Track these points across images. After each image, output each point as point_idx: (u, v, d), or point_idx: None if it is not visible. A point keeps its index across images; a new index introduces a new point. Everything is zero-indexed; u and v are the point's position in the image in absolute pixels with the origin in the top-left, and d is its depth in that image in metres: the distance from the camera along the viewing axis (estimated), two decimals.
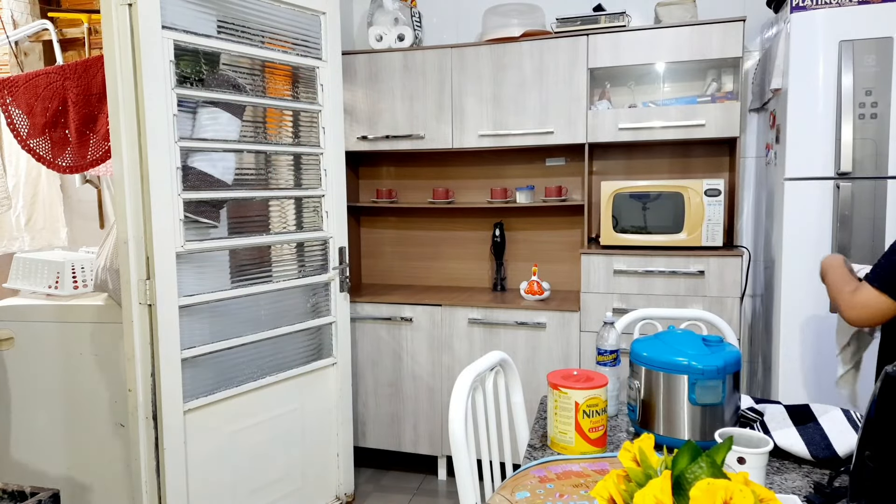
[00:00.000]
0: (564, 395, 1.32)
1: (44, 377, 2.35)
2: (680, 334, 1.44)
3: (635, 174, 2.99)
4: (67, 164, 2.39)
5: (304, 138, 2.47)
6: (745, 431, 1.12)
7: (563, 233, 3.16)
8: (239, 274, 2.25)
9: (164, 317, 1.97)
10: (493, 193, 3.10)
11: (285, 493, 2.41)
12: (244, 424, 2.25)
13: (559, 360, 2.72)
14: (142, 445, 1.98)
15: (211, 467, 2.14)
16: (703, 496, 0.71)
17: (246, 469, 2.27)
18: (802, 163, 2.23)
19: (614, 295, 2.65)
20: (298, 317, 2.43)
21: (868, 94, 2.14)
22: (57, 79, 2.29)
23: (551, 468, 1.19)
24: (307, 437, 2.48)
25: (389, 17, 3.05)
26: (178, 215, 2.01)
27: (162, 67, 1.94)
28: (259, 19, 2.27)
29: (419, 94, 2.96)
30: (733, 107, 2.58)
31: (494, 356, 1.46)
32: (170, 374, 1.99)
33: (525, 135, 2.85)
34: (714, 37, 2.57)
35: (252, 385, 2.26)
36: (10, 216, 2.96)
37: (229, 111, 2.20)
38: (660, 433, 1.35)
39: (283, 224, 2.47)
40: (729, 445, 0.82)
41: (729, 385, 1.33)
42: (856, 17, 2.15)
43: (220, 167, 2.17)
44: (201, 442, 2.11)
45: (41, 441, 2.37)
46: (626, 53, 2.69)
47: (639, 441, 0.84)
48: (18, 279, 2.51)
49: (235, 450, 2.23)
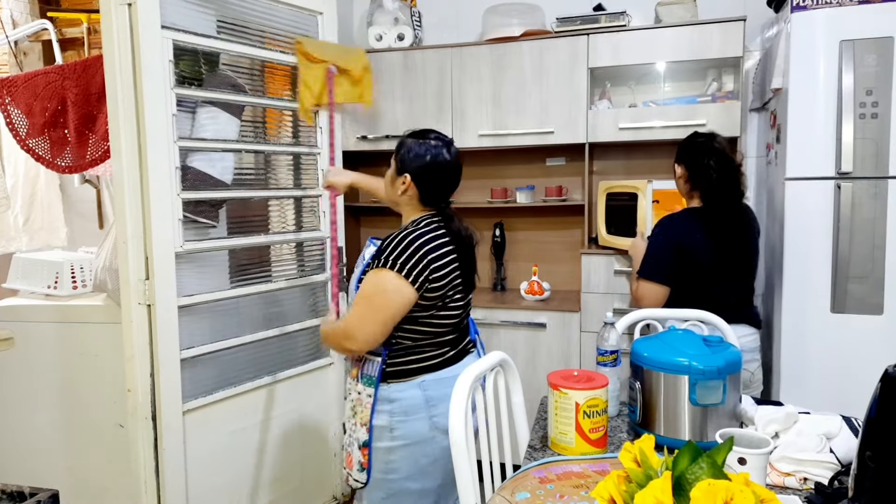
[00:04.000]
0: (565, 396, 1.31)
1: (43, 377, 2.35)
2: (680, 334, 1.43)
3: (636, 174, 2.99)
4: (66, 164, 2.38)
5: (302, 138, 2.46)
6: (746, 432, 1.11)
7: (564, 233, 3.15)
8: (238, 274, 2.25)
9: (163, 317, 1.97)
10: (493, 193, 3.10)
11: (284, 493, 2.41)
12: (243, 424, 2.24)
13: (559, 360, 2.72)
14: (141, 445, 1.98)
15: (210, 467, 2.14)
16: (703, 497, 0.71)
17: (245, 469, 2.27)
18: (803, 162, 2.23)
19: (615, 295, 2.65)
20: (297, 317, 2.42)
21: (868, 93, 2.13)
22: (56, 78, 2.29)
23: (551, 469, 1.18)
24: (305, 437, 2.48)
25: (389, 17, 3.04)
26: (178, 215, 2.01)
27: (161, 67, 1.94)
28: (258, 19, 2.27)
29: (419, 93, 2.96)
30: (734, 106, 2.58)
31: (494, 356, 1.46)
32: (169, 375, 1.99)
33: (525, 134, 2.84)
34: (714, 36, 2.56)
35: (250, 385, 2.25)
36: (9, 216, 2.96)
37: (228, 111, 2.19)
38: (660, 434, 1.35)
39: (282, 224, 2.46)
40: (729, 446, 0.82)
41: (729, 385, 1.33)
42: (856, 17, 2.14)
43: (219, 167, 2.17)
44: (200, 442, 2.10)
45: (40, 441, 2.37)
46: (626, 53, 2.68)
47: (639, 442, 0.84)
48: (17, 279, 2.50)
49: (234, 450, 2.22)
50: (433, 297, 1.53)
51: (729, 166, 2.05)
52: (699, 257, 2.01)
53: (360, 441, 1.60)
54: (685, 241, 2.02)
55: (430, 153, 1.59)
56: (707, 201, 2.06)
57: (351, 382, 1.65)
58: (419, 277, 1.49)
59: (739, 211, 2.09)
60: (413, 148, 1.61)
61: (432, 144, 1.60)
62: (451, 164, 1.62)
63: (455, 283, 1.57)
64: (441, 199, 1.64)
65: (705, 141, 2.11)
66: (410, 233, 1.53)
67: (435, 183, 1.61)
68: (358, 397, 1.61)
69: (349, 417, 1.65)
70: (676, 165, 2.16)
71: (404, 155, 1.61)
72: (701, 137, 2.13)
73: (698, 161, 2.06)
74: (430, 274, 1.50)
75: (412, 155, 1.60)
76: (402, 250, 1.50)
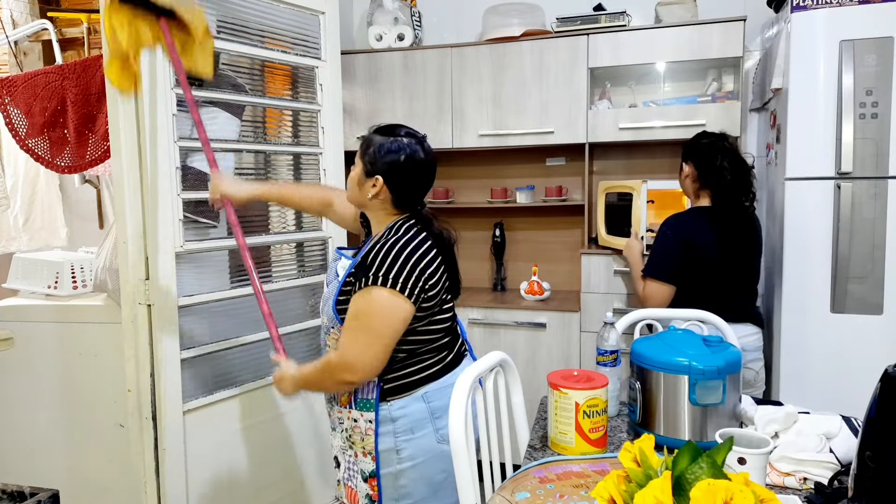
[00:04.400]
0: (565, 396, 1.31)
1: (43, 377, 2.35)
2: (680, 334, 1.43)
3: (636, 174, 2.99)
4: (66, 164, 2.38)
5: (303, 138, 2.46)
6: (746, 432, 1.11)
7: (564, 233, 3.15)
8: (238, 274, 2.25)
9: (163, 317, 1.96)
10: (493, 193, 3.09)
11: (284, 494, 2.41)
12: (243, 425, 2.24)
13: (559, 360, 2.72)
14: (141, 445, 1.98)
15: (210, 467, 2.14)
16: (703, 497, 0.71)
17: (245, 469, 2.27)
18: (803, 162, 2.23)
19: (615, 295, 2.65)
20: (297, 317, 2.42)
21: (869, 93, 2.13)
22: (56, 78, 2.28)
23: (551, 469, 1.18)
24: (305, 438, 2.47)
25: (389, 17, 3.04)
26: (178, 215, 2.01)
27: (161, 67, 1.94)
28: (258, 19, 2.26)
29: (419, 93, 2.96)
30: (734, 106, 2.58)
31: (494, 356, 1.45)
32: (169, 375, 1.99)
33: (525, 134, 2.84)
34: (715, 36, 2.56)
35: (251, 385, 2.25)
36: (9, 216, 2.96)
37: (229, 111, 2.19)
38: (660, 433, 1.35)
39: (282, 224, 2.46)
40: (729, 446, 0.82)
41: (729, 385, 1.33)
42: (856, 17, 2.14)
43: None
44: (200, 442, 2.10)
45: (41, 441, 2.37)
46: (626, 53, 2.68)
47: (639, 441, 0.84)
48: (18, 279, 2.50)
49: (234, 450, 2.22)
50: (429, 306, 1.42)
51: (742, 167, 2.07)
52: (706, 256, 2.01)
53: (365, 472, 1.47)
54: (694, 239, 2.02)
55: (403, 151, 1.42)
56: (717, 201, 2.07)
57: (341, 411, 1.50)
58: (414, 290, 1.36)
59: (747, 212, 2.10)
60: (384, 146, 1.43)
61: (405, 142, 1.43)
62: (427, 163, 1.46)
63: (446, 286, 1.48)
64: (416, 201, 1.49)
65: (716, 141, 2.11)
66: (395, 243, 1.39)
67: (410, 184, 1.45)
68: (355, 425, 1.47)
69: (343, 449, 1.52)
70: (684, 164, 2.15)
71: (374, 154, 1.44)
72: (711, 137, 2.13)
73: (711, 161, 2.06)
74: (425, 284, 1.38)
75: (383, 153, 1.43)
76: (390, 263, 1.36)
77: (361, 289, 1.37)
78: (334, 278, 1.52)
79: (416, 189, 1.48)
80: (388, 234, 1.44)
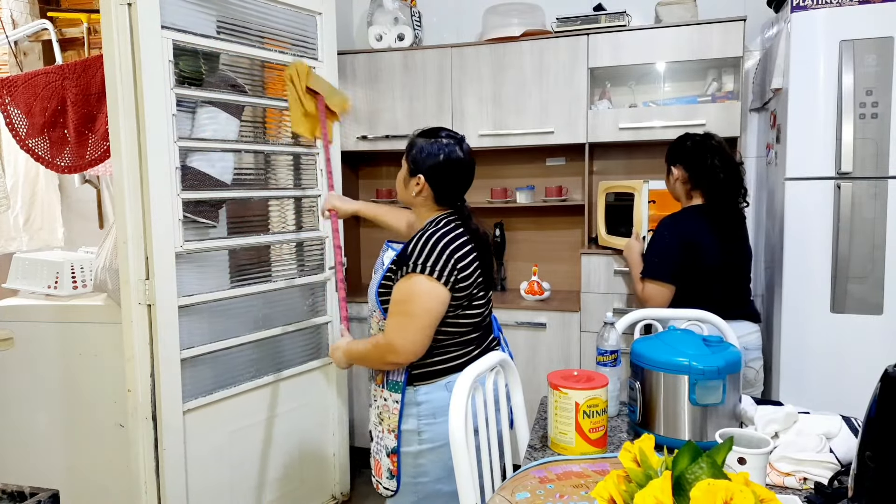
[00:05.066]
0: (565, 396, 1.31)
1: (43, 377, 2.35)
2: (680, 334, 1.43)
3: (636, 174, 2.98)
4: (66, 164, 2.38)
5: (302, 138, 2.46)
6: (746, 432, 1.11)
7: (564, 233, 3.15)
8: (238, 274, 2.25)
9: (163, 317, 1.97)
10: (493, 193, 3.09)
11: (283, 493, 2.41)
12: (243, 424, 2.25)
13: (559, 360, 2.72)
14: (141, 445, 1.98)
15: (210, 467, 2.14)
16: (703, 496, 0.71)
17: (244, 469, 2.27)
18: (803, 162, 2.23)
19: (615, 295, 2.65)
20: (297, 316, 2.42)
21: (869, 93, 2.13)
22: (56, 78, 2.29)
23: (551, 469, 1.18)
24: (304, 437, 2.48)
25: (389, 17, 3.04)
26: (178, 215, 2.01)
27: (161, 67, 1.94)
28: (257, 19, 2.27)
29: (419, 93, 2.96)
30: (734, 106, 2.58)
31: (494, 356, 1.46)
32: (169, 375, 1.99)
33: (525, 134, 2.84)
34: (715, 36, 2.56)
35: (250, 385, 2.25)
36: (9, 216, 2.96)
37: (228, 111, 2.19)
38: (660, 433, 1.35)
39: (282, 224, 2.46)
40: (729, 446, 0.82)
41: (729, 385, 1.33)
42: (856, 17, 2.14)
43: (218, 167, 2.17)
44: (200, 442, 2.10)
45: (41, 441, 2.37)
46: (626, 53, 2.68)
47: (639, 441, 0.84)
48: (18, 279, 2.50)
49: (234, 449, 2.22)
50: (461, 295, 1.53)
51: (732, 164, 2.08)
52: (706, 255, 2.02)
53: (388, 448, 1.59)
54: (694, 238, 2.02)
55: (442, 152, 1.58)
56: (711, 199, 2.08)
57: (376, 389, 1.64)
58: (450, 277, 1.49)
59: (740, 210, 2.11)
60: (425, 147, 1.60)
61: (444, 143, 1.59)
62: (465, 162, 1.62)
63: (478, 280, 1.57)
64: (456, 198, 1.64)
65: (704, 140, 2.12)
66: (432, 234, 1.53)
67: (449, 182, 1.61)
68: (384, 404, 1.60)
69: (375, 424, 1.65)
70: (673, 167, 2.16)
71: (416, 155, 1.60)
72: (695, 137, 2.14)
73: (701, 161, 2.07)
74: (458, 273, 1.50)
75: (425, 155, 1.59)
76: (428, 252, 1.50)
77: (402, 276, 1.52)
78: (380, 267, 1.65)
79: (456, 186, 1.63)
80: (427, 227, 1.57)
